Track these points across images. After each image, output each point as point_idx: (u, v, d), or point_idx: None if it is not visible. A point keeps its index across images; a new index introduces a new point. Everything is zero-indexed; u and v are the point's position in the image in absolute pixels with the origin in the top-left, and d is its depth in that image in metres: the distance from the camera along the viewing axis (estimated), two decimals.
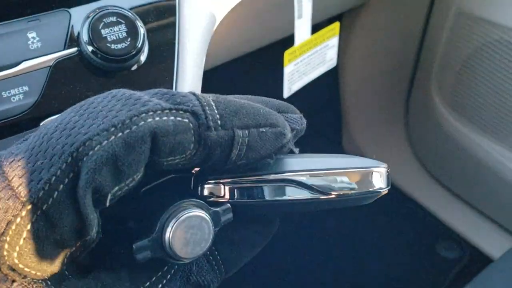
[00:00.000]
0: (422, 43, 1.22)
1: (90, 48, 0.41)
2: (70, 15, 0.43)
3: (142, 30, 0.43)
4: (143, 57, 0.44)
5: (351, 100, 1.36)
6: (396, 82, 1.30)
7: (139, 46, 0.42)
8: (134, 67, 0.43)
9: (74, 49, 0.42)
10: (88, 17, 0.42)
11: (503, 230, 1.15)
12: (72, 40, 0.42)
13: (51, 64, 0.41)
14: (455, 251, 1.19)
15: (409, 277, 1.20)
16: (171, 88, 0.45)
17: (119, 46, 0.42)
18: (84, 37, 0.42)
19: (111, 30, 0.42)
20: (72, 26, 0.42)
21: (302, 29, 0.70)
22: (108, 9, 0.42)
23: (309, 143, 1.50)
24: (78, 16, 0.43)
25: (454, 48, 1.12)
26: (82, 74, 0.42)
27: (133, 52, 0.42)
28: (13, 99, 0.40)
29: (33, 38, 0.41)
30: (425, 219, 1.26)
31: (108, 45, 0.41)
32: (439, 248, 1.20)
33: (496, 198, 1.14)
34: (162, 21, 0.46)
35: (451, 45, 1.13)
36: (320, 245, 1.27)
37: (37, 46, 0.41)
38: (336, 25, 0.77)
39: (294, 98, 0.80)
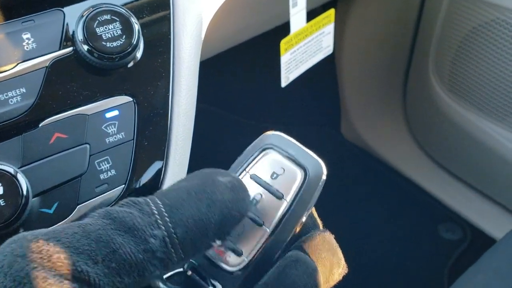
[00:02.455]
0: (418, 26, 1.21)
1: (85, 47, 0.41)
2: (64, 14, 0.42)
3: (136, 26, 0.43)
4: (139, 54, 0.44)
5: (349, 86, 1.36)
6: (393, 66, 1.30)
7: (134, 43, 0.42)
8: (131, 64, 0.43)
9: (69, 49, 0.42)
10: (82, 16, 0.42)
11: (504, 209, 1.16)
12: (67, 39, 0.42)
13: (47, 64, 0.41)
14: (457, 232, 1.20)
15: (411, 260, 1.21)
16: (168, 83, 0.45)
17: (115, 44, 0.41)
18: (79, 36, 0.41)
19: (105, 28, 0.42)
20: (67, 25, 0.42)
21: (297, 18, 0.70)
22: (102, 7, 0.42)
23: (308, 130, 1.50)
24: (72, 15, 0.43)
25: (450, 29, 1.12)
26: (78, 73, 0.42)
27: (129, 49, 0.42)
28: (11, 101, 0.40)
29: (28, 39, 0.41)
30: (426, 201, 1.27)
31: (104, 43, 0.41)
32: (441, 230, 1.21)
33: (495, 178, 1.15)
34: (156, 15, 0.46)
35: (447, 27, 1.12)
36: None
37: (33, 47, 0.41)
38: (331, 12, 0.76)
39: (293, 86, 0.80)
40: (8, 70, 0.40)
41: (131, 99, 0.43)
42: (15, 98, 0.40)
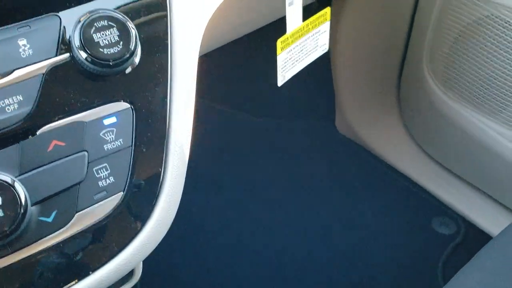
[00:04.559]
0: (412, 22, 1.21)
1: (83, 54, 0.41)
2: (60, 19, 0.42)
3: (134, 31, 0.42)
4: (136, 59, 0.43)
5: (344, 80, 1.36)
6: (388, 61, 1.30)
7: (132, 49, 0.42)
8: (128, 70, 0.43)
9: (66, 55, 0.41)
10: (79, 21, 0.41)
11: (497, 204, 1.16)
12: (64, 45, 0.41)
13: (44, 71, 0.41)
14: (451, 226, 1.21)
15: (405, 254, 1.22)
16: (166, 87, 0.45)
17: (112, 50, 0.41)
18: (76, 42, 0.41)
19: (103, 34, 0.41)
20: (63, 30, 0.42)
21: (293, 17, 0.70)
22: (99, 12, 0.41)
23: (303, 124, 1.50)
24: (68, 20, 0.42)
25: (444, 26, 1.12)
26: (76, 80, 0.42)
27: (127, 56, 0.42)
28: (8, 109, 0.39)
29: (24, 45, 0.40)
30: (420, 195, 1.28)
31: (101, 50, 0.41)
32: (434, 224, 1.22)
33: (489, 172, 1.15)
34: (153, 19, 0.45)
35: (441, 23, 1.12)
36: (315, 224, 1.28)
37: (29, 53, 0.40)
38: (327, 10, 0.76)
39: (287, 81, 0.80)
40: (4, 77, 0.39)
41: (129, 105, 0.43)
42: (12, 106, 0.39)
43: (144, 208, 0.44)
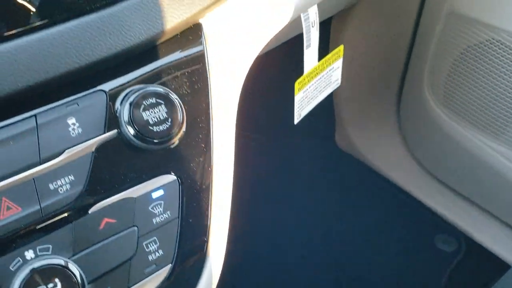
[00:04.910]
0: (413, 41, 1.23)
1: (131, 131, 0.41)
2: (106, 95, 0.42)
3: (181, 108, 0.43)
4: (182, 132, 0.44)
5: (343, 96, 1.37)
6: (388, 79, 1.32)
7: (180, 125, 0.42)
8: (174, 143, 0.43)
9: (114, 131, 0.42)
10: (126, 97, 0.42)
11: (498, 222, 1.19)
12: (111, 121, 0.42)
13: (93, 149, 0.41)
14: (453, 244, 1.23)
15: (408, 271, 1.24)
16: (210, 157, 0.46)
17: (161, 128, 0.41)
18: (125, 119, 0.41)
19: (151, 112, 0.41)
20: (110, 106, 0.42)
21: (310, 57, 0.71)
22: (147, 90, 0.42)
23: (302, 141, 1.51)
24: (114, 93, 0.42)
25: (445, 47, 1.14)
26: (124, 156, 0.42)
27: (175, 131, 0.42)
28: (61, 189, 0.40)
29: (73, 124, 0.41)
30: (422, 212, 1.30)
31: (150, 128, 0.41)
32: (437, 242, 1.24)
33: (490, 191, 1.18)
34: (195, 89, 0.46)
35: (442, 45, 1.14)
36: (318, 241, 1.29)
37: (78, 132, 0.41)
38: (340, 48, 0.77)
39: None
40: (56, 158, 0.40)
41: (175, 177, 0.44)
42: (64, 187, 0.40)
43: (191, 277, 0.44)
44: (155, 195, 0.43)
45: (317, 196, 1.37)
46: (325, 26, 1.01)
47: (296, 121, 0.75)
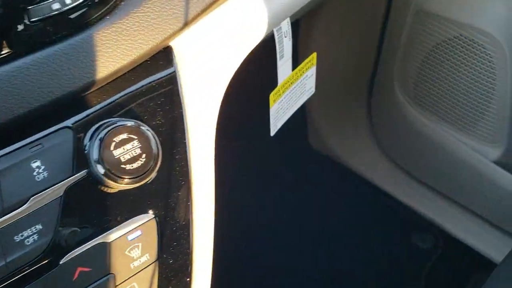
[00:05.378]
0: (383, 38, 1.22)
1: (101, 170, 0.38)
2: (72, 132, 0.39)
3: (156, 141, 0.39)
4: (157, 167, 0.41)
5: (315, 95, 1.35)
6: (359, 82, 1.31)
7: (155, 160, 0.39)
8: (150, 179, 0.40)
9: (83, 172, 0.38)
10: (96, 134, 0.38)
11: (474, 215, 1.20)
12: (80, 160, 0.38)
13: (61, 193, 0.37)
14: (429, 240, 1.23)
15: (387, 269, 1.23)
16: (188, 191, 0.43)
17: (135, 165, 0.38)
18: (94, 157, 0.38)
19: (123, 149, 0.38)
20: (77, 143, 0.38)
21: (284, 68, 0.69)
22: (117, 125, 0.38)
23: (276, 141, 1.49)
24: (81, 131, 0.39)
25: (414, 45, 1.13)
26: (95, 197, 0.39)
27: (151, 167, 0.39)
28: (27, 241, 0.36)
29: (38, 167, 0.37)
30: (397, 210, 1.29)
31: (123, 166, 0.38)
32: (414, 239, 1.24)
33: (465, 185, 1.18)
34: (170, 118, 0.42)
35: (411, 42, 1.14)
36: (294, 239, 1.28)
37: (44, 176, 0.37)
38: (313, 56, 0.75)
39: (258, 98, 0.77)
40: (20, 207, 0.36)
41: (153, 216, 0.41)
42: (31, 238, 0.36)
43: None
44: (131, 237, 0.40)
45: (288, 194, 1.36)
46: (293, 30, 0.99)
47: (272, 133, 0.73)
